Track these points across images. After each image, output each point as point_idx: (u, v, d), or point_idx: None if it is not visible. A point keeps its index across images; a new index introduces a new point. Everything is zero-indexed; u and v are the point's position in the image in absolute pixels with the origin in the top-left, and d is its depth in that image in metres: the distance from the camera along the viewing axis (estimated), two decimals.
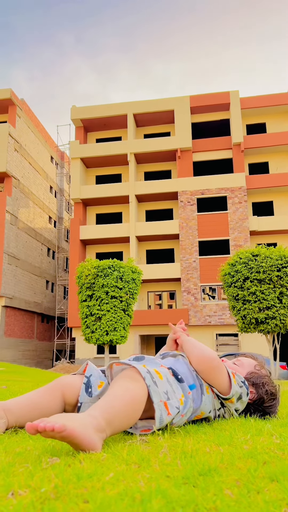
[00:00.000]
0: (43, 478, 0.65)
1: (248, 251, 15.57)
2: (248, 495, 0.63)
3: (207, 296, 23.93)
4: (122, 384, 1.04)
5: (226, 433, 1.12)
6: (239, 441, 1.01)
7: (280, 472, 0.74)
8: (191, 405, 1.23)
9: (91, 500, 0.56)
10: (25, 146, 26.03)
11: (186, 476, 0.69)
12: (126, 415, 0.98)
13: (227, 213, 24.76)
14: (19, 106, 26.02)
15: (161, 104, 25.99)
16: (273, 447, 0.96)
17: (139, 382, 1.07)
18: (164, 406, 1.09)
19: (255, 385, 1.47)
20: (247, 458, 0.84)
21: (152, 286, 24.54)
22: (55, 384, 1.22)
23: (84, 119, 26.61)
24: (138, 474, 0.70)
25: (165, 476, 0.70)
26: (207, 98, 25.85)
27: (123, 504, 0.54)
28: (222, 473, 0.73)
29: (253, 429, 1.16)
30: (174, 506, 0.55)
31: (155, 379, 1.11)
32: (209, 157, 25.75)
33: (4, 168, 23.76)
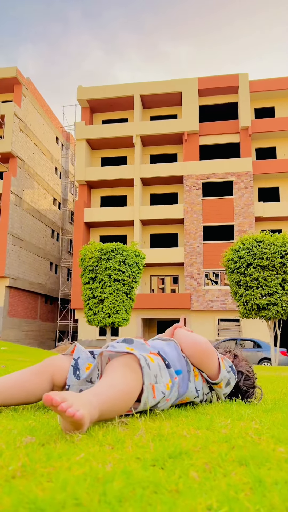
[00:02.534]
0: (13, 457, 0.66)
1: (252, 237, 15.51)
2: (214, 478, 0.65)
3: (210, 281, 23.95)
4: (122, 375, 1.04)
5: (207, 417, 1.13)
6: (218, 425, 1.03)
7: (251, 457, 0.75)
8: (176, 390, 1.25)
9: (55, 479, 0.57)
10: (30, 126, 25.81)
11: (156, 459, 0.71)
12: (119, 409, 1.00)
13: (232, 198, 24.58)
14: (24, 85, 25.70)
15: (168, 85, 25.57)
16: (251, 431, 0.97)
17: (137, 373, 1.07)
18: (151, 389, 1.11)
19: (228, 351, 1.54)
20: (222, 442, 0.86)
21: (155, 270, 24.57)
22: (43, 365, 1.23)
23: (90, 100, 26.28)
24: (109, 456, 0.72)
25: (135, 458, 0.71)
26: (216, 80, 25.40)
27: (85, 484, 0.55)
28: (192, 456, 0.74)
29: (235, 413, 1.18)
30: (135, 487, 0.56)
31: (148, 362, 1.13)
32: (216, 141, 25.43)
33: (9, 148, 23.61)
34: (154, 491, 0.56)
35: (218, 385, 1.39)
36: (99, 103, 26.60)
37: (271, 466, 0.72)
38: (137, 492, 0.54)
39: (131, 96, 26.06)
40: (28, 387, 1.18)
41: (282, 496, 0.57)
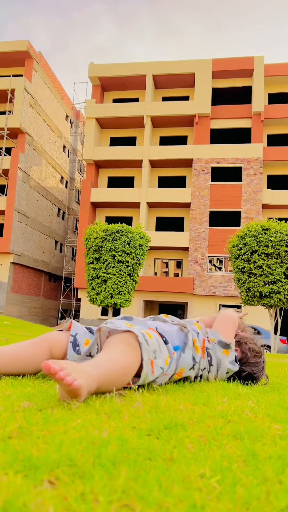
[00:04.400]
0: (11, 419, 0.67)
1: (258, 224, 15.43)
2: (208, 449, 0.65)
3: (213, 267, 23.94)
4: (120, 350, 1.05)
5: (204, 394, 1.14)
6: (215, 402, 1.03)
7: (246, 432, 0.75)
8: (175, 365, 1.26)
9: (51, 441, 0.57)
10: (40, 102, 25.50)
11: (151, 429, 0.71)
12: (117, 382, 1.01)
13: (241, 184, 24.36)
14: (36, 59, 25.30)
15: (182, 66, 25.10)
16: (247, 409, 0.98)
17: (135, 349, 1.08)
18: (150, 365, 1.12)
19: (238, 343, 1.52)
20: (218, 417, 0.86)
21: (160, 254, 24.56)
22: (42, 338, 1.24)
23: (102, 77, 25.86)
24: (105, 423, 0.72)
25: (131, 427, 0.72)
26: (230, 63, 24.88)
27: (80, 446, 0.55)
28: (188, 428, 0.75)
29: (232, 392, 1.19)
30: (129, 453, 0.56)
31: (146, 338, 1.13)
32: (227, 125, 25.06)
33: (18, 123, 23.40)
34: (148, 457, 0.56)
35: (226, 350, 1.41)
36: (111, 81, 26.19)
37: (265, 441, 0.73)
38: (131, 457, 0.54)
39: (143, 75, 25.63)
40: (27, 357, 1.19)
41: (275, 469, 0.58)
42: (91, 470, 0.47)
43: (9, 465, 0.46)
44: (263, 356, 1.55)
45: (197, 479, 0.50)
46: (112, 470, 0.48)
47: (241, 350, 1.52)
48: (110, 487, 0.43)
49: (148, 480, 0.46)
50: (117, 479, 0.45)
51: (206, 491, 0.47)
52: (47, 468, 0.46)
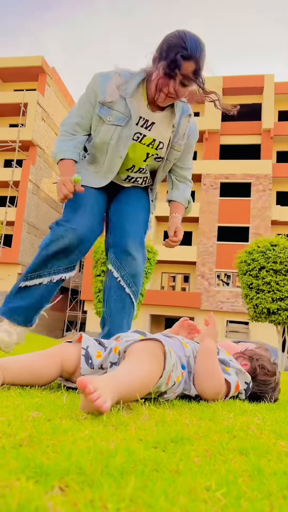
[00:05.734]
0: (21, 428, 0.68)
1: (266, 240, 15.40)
2: (214, 463, 0.66)
3: (221, 282, 23.84)
4: (147, 362, 1.05)
5: (210, 410, 1.15)
6: (220, 418, 1.04)
7: (251, 448, 0.76)
8: (183, 385, 1.26)
9: (60, 450, 0.59)
10: (52, 116, 25.93)
11: (158, 441, 0.72)
12: (135, 396, 1.02)
13: (249, 200, 24.38)
14: (49, 74, 25.80)
15: None
16: (253, 425, 0.98)
17: (160, 360, 1.08)
18: (168, 376, 1.13)
19: (250, 358, 1.50)
20: (223, 433, 0.87)
21: (167, 268, 24.55)
22: (54, 351, 1.25)
23: None
24: (112, 435, 0.73)
25: (138, 439, 0.73)
26: (241, 80, 25.14)
27: (89, 456, 0.57)
28: (194, 442, 0.76)
29: (238, 409, 1.19)
30: (137, 464, 0.57)
31: (170, 350, 1.15)
32: (237, 141, 25.23)
33: (30, 136, 23.77)
34: (155, 469, 0.58)
35: None
36: None
37: (271, 457, 0.73)
38: (138, 468, 0.56)
39: None
40: (38, 369, 1.20)
41: (280, 485, 0.59)
42: (99, 479, 0.49)
43: (21, 471, 0.48)
44: (275, 377, 1.52)
45: (202, 491, 0.51)
46: (120, 479, 0.50)
47: (251, 365, 1.49)
48: (118, 495, 0.44)
49: (155, 490, 0.48)
50: (125, 488, 0.46)
51: (211, 503, 0.48)
52: (57, 475, 0.48)
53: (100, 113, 1.82)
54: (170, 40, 1.66)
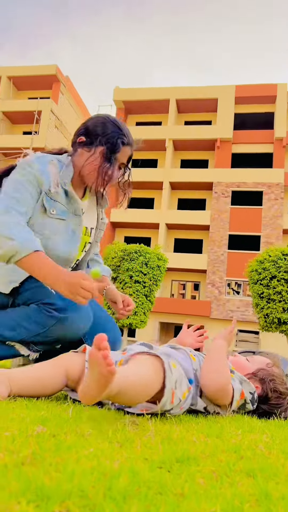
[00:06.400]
0: (25, 444, 0.68)
1: (278, 249, 15.28)
2: (220, 486, 0.64)
3: (231, 291, 23.69)
4: (145, 368, 1.05)
5: (218, 426, 1.13)
6: (228, 435, 1.02)
7: (259, 469, 0.74)
8: (190, 400, 1.24)
9: (63, 470, 0.58)
10: (65, 124, 26.21)
11: (163, 461, 0.71)
12: (135, 396, 1.01)
13: (261, 208, 24.27)
14: (63, 83, 26.13)
15: (205, 91, 25.51)
16: (261, 444, 0.96)
17: (159, 375, 1.08)
18: (171, 395, 1.11)
19: (262, 380, 1.46)
20: (231, 452, 0.85)
21: (177, 275, 24.49)
22: (59, 361, 1.25)
23: (126, 101, 26.48)
24: (117, 453, 0.72)
25: (143, 458, 0.72)
26: (253, 89, 25.17)
27: (92, 477, 0.56)
28: (200, 462, 0.74)
29: (246, 425, 1.17)
30: (140, 486, 0.56)
31: (171, 366, 1.13)
32: (249, 150, 25.20)
33: (43, 144, 24.04)
34: (159, 492, 0.56)
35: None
36: (135, 105, 26.77)
37: (279, 480, 0.71)
38: (142, 491, 0.54)
39: (166, 100, 26.12)
40: (44, 380, 1.20)
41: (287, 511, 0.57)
42: (102, 503, 0.48)
43: (22, 494, 0.47)
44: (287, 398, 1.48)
45: None
46: (123, 504, 0.48)
47: (262, 388, 1.43)
48: None
49: None
50: None
51: None
52: (59, 499, 0.47)
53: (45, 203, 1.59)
54: (104, 125, 1.65)
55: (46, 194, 1.59)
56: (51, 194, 1.60)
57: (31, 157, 1.61)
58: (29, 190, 1.54)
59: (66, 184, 1.64)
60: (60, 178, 1.63)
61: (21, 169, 1.57)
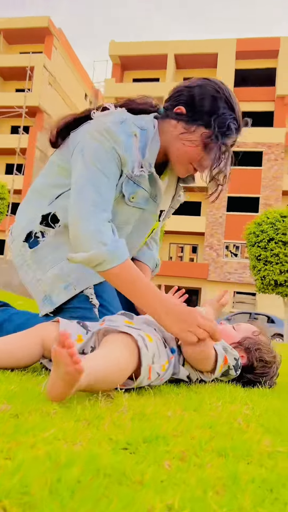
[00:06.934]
0: None
1: (276, 212, 15.18)
2: (186, 469, 0.61)
3: (229, 253, 23.72)
4: (118, 351, 0.99)
5: (199, 397, 1.10)
6: (207, 407, 0.99)
7: (232, 448, 0.71)
8: (171, 370, 1.21)
9: (14, 457, 0.54)
10: (59, 81, 25.29)
11: (129, 442, 0.67)
12: (109, 383, 0.96)
13: (261, 169, 23.90)
14: (56, 36, 24.98)
15: (205, 45, 24.46)
16: (240, 417, 0.93)
17: (133, 353, 1.02)
18: (148, 371, 1.07)
19: (247, 349, 1.43)
20: (206, 428, 0.82)
21: (175, 238, 24.43)
22: (33, 331, 1.20)
23: (122, 56, 25.44)
24: (80, 434, 0.69)
25: (108, 439, 0.68)
26: (255, 43, 24.14)
27: (43, 467, 0.52)
28: (170, 441, 0.71)
29: (228, 395, 1.14)
30: (97, 473, 0.52)
31: (146, 342, 1.08)
32: (249, 108, 24.48)
33: (37, 102, 23.30)
34: (118, 480, 0.52)
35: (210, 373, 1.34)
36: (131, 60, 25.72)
37: (251, 460, 0.68)
38: (96, 480, 0.50)
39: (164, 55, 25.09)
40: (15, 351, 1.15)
41: (254, 499, 0.53)
42: (44, 501, 0.43)
43: None
44: (275, 364, 1.42)
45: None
46: (69, 501, 0.44)
47: (247, 357, 1.39)
48: None
49: None
50: None
51: None
52: None
53: (124, 189, 1.35)
54: (214, 100, 1.33)
55: (128, 177, 1.33)
56: (134, 177, 1.34)
57: (113, 123, 1.30)
58: (113, 172, 1.29)
59: (151, 165, 1.35)
60: (142, 157, 1.34)
61: (103, 138, 1.28)
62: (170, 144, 1.39)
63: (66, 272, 1.42)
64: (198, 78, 1.41)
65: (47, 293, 1.44)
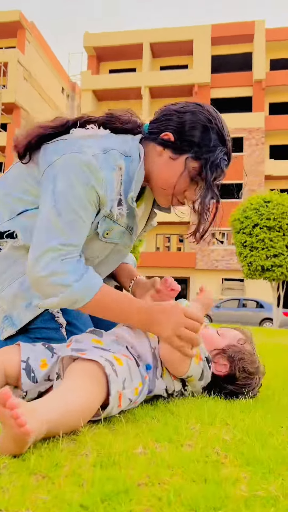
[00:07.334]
0: None
1: (259, 197, 15.19)
2: None
3: (215, 241, 23.75)
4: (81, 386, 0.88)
5: (175, 420, 1.02)
6: (183, 434, 0.91)
7: (204, 497, 0.63)
8: (146, 390, 1.13)
9: None
10: (34, 75, 24.81)
11: (86, 505, 0.58)
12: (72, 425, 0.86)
13: (242, 155, 23.87)
14: (28, 30, 24.46)
15: (180, 33, 24.19)
16: (218, 446, 0.85)
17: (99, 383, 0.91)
18: (118, 399, 0.97)
19: (230, 358, 1.34)
20: (178, 468, 0.74)
21: (162, 229, 24.35)
22: None
23: (97, 47, 25.05)
24: (30, 496, 0.60)
25: (61, 500, 0.59)
26: (230, 28, 23.96)
27: None
28: (134, 496, 0.62)
29: (206, 414, 1.06)
30: None
31: (115, 367, 0.98)
32: (228, 94, 24.37)
33: (13, 98, 22.84)
34: None
35: (188, 379, 1.26)
36: (107, 51, 25.35)
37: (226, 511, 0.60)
38: None
39: (140, 44, 24.78)
40: None
41: None
42: None
43: None
44: (257, 375, 1.34)
45: None
46: None
47: (230, 366, 1.31)
48: None
49: None
50: None
51: None
52: None
53: (99, 226, 1.24)
54: (205, 131, 1.23)
55: (105, 216, 1.22)
56: (113, 216, 1.23)
57: (95, 155, 1.15)
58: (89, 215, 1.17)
59: (133, 199, 1.24)
60: (125, 193, 1.23)
61: (82, 174, 1.14)
62: (153, 172, 1.29)
63: (26, 287, 1.26)
64: (190, 103, 1.30)
65: (7, 312, 1.30)
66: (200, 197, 1.26)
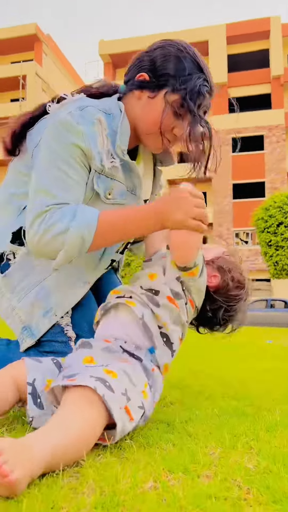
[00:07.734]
0: None
1: (283, 195, 14.90)
2: None
3: (240, 241, 23.42)
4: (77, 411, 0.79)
5: (193, 443, 0.92)
6: (201, 462, 0.81)
7: None
8: (159, 382, 1.06)
9: None
10: (52, 86, 25.19)
11: None
12: (74, 455, 0.77)
13: (263, 153, 23.54)
14: (45, 42, 24.87)
15: (194, 34, 24.08)
16: (239, 477, 0.75)
17: (96, 405, 0.83)
18: (126, 413, 0.89)
19: (220, 268, 1.27)
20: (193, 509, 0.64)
21: None
22: (4, 372, 1.05)
23: (113, 54, 25.23)
24: None
25: None
26: (245, 26, 23.70)
27: None
28: None
29: (227, 436, 0.96)
30: None
31: (109, 382, 0.89)
32: (246, 93, 24.09)
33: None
34: None
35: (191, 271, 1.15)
36: (122, 57, 25.48)
37: None
38: None
39: None
40: None
41: None
42: None
43: None
44: (246, 289, 1.28)
45: None
46: None
47: (222, 278, 1.25)
48: None
49: None
50: None
51: None
52: None
53: (97, 186, 1.18)
54: (178, 61, 1.18)
55: (98, 172, 1.17)
56: (106, 171, 1.18)
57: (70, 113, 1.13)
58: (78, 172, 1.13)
59: (124, 151, 1.19)
60: (113, 145, 1.18)
61: (60, 134, 1.11)
62: (137, 119, 1.25)
63: (43, 296, 1.25)
64: (159, 40, 1.27)
65: (26, 323, 1.28)
66: (189, 128, 1.19)
